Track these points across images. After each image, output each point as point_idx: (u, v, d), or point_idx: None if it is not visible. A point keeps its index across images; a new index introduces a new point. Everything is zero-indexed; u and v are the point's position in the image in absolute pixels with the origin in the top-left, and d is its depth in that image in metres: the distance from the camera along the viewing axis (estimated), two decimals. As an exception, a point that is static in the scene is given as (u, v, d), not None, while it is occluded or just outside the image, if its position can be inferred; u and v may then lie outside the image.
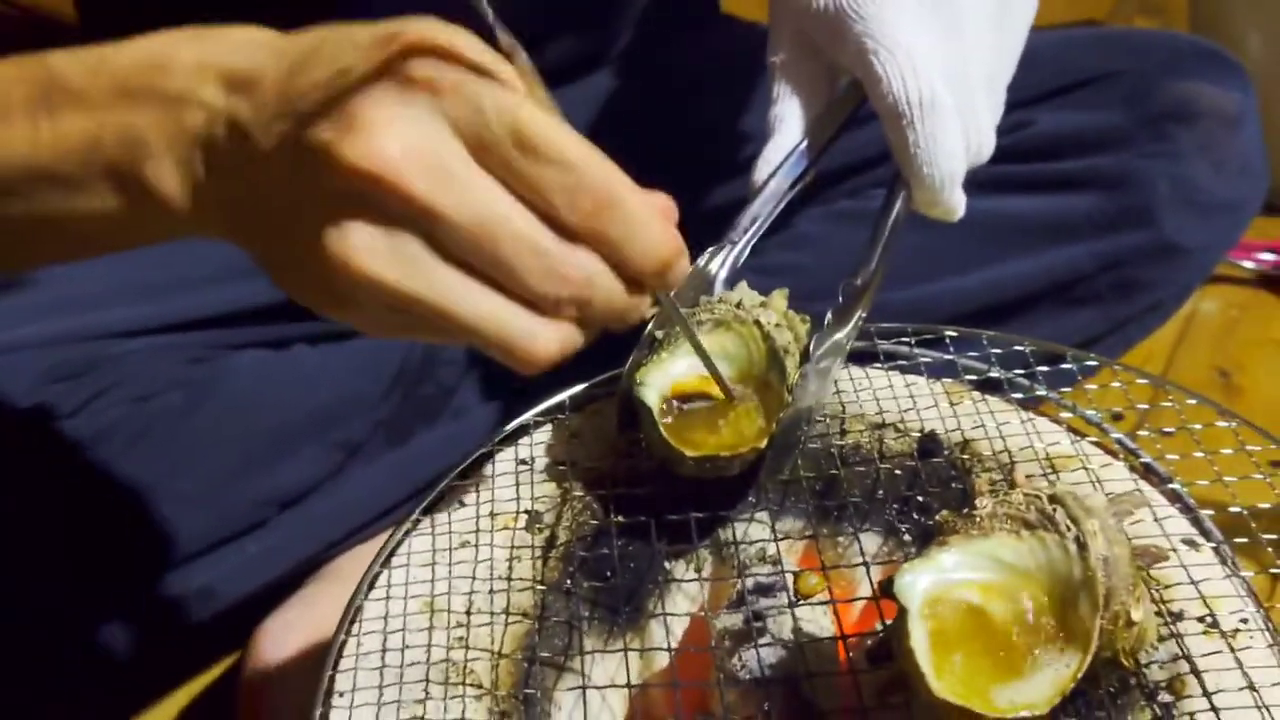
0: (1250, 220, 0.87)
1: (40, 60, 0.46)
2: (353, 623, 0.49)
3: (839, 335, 0.57)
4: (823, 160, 0.62)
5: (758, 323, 0.55)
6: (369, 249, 0.40)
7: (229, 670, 0.89)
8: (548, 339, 0.42)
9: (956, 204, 0.59)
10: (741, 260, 0.60)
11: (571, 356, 0.44)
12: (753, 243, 0.60)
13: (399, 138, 0.39)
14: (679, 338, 0.55)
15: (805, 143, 0.61)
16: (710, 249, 0.59)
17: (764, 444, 0.52)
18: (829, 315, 0.57)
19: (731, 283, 0.59)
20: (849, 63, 0.59)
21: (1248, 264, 1.21)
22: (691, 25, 0.97)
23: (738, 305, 0.57)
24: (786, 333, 0.55)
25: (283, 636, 0.80)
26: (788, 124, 0.61)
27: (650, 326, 0.56)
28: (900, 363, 0.63)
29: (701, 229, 0.60)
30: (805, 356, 0.56)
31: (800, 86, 0.62)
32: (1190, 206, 0.82)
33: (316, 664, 0.48)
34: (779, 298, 0.58)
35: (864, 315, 0.58)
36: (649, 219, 0.42)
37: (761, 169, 0.60)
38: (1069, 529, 0.44)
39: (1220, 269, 1.21)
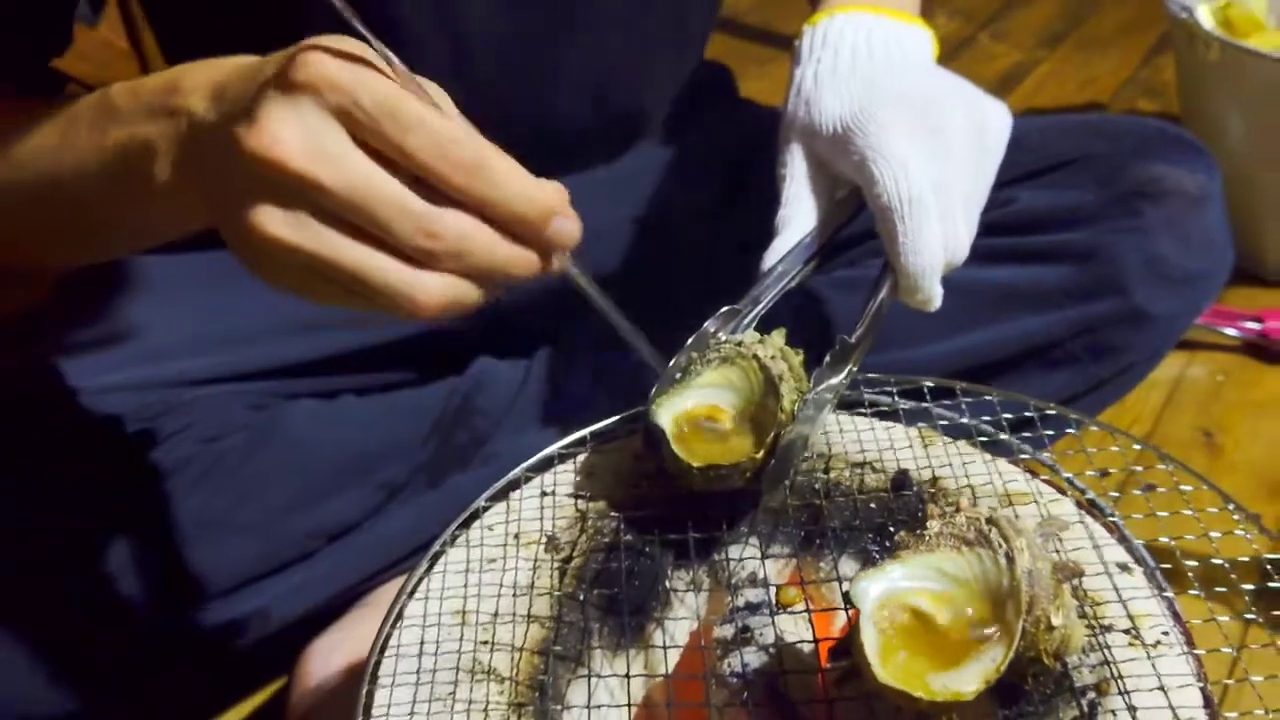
0: (1217, 291, 0.94)
1: (105, 89, 0.61)
2: (396, 620, 0.57)
3: (833, 379, 0.64)
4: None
5: (755, 356, 0.64)
6: (268, 216, 0.49)
7: (276, 692, 0.97)
8: (429, 288, 0.51)
9: (934, 295, 0.68)
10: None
11: (474, 306, 0.52)
12: (759, 318, 0.69)
13: (285, 124, 0.49)
14: (694, 373, 0.64)
15: (806, 241, 0.70)
16: (722, 310, 0.68)
17: (760, 455, 0.60)
18: (826, 358, 0.65)
19: None
20: (851, 172, 0.69)
21: (1232, 331, 1.29)
22: (715, 109, 1.06)
23: (739, 344, 0.65)
24: (781, 363, 0.63)
25: (328, 657, 0.88)
26: (792, 226, 0.71)
27: (671, 365, 0.64)
28: (882, 409, 0.71)
29: (722, 292, 0.70)
30: (797, 381, 0.64)
31: (804, 195, 0.71)
32: (1158, 278, 0.89)
33: (360, 674, 0.56)
34: (777, 335, 0.66)
35: (855, 370, 0.66)
36: (515, 175, 0.51)
37: (768, 259, 0.69)
38: (1001, 546, 0.52)
39: (1207, 336, 1.29)
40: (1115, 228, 0.89)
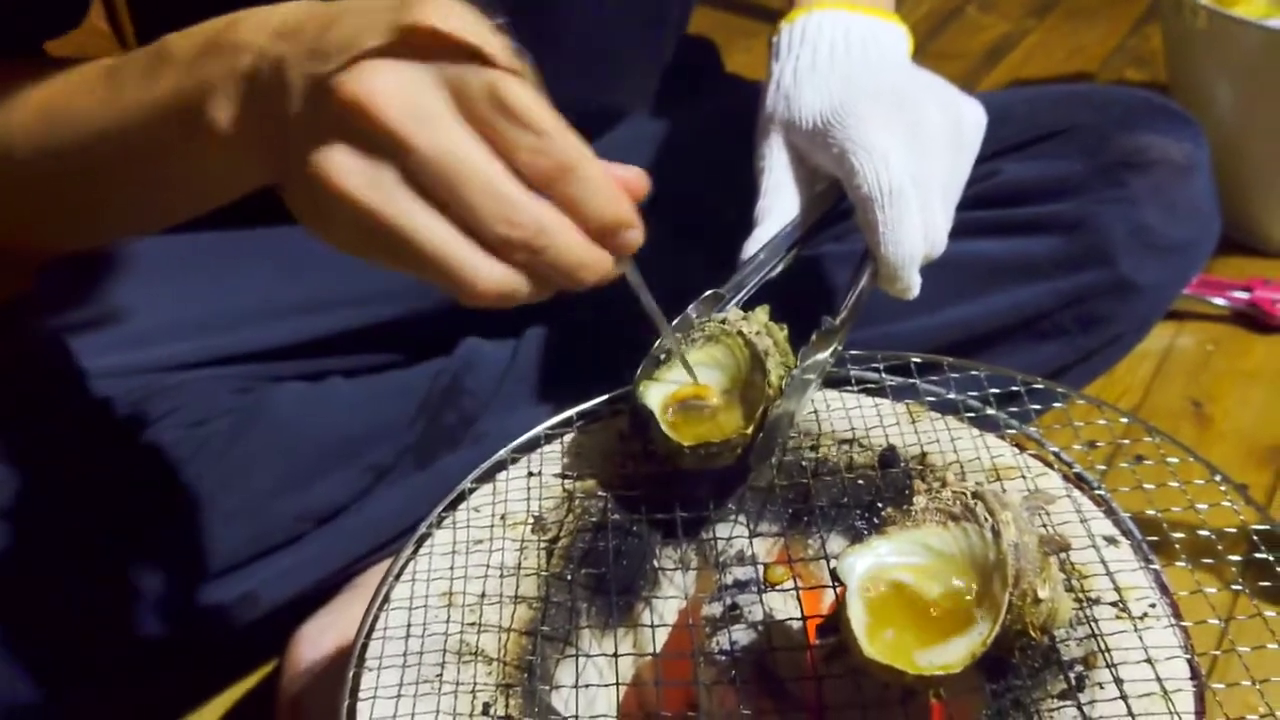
0: (1204, 261, 0.94)
1: (161, 39, 0.57)
2: (383, 603, 0.57)
3: (819, 356, 0.65)
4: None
5: (740, 333, 0.63)
6: (344, 167, 0.47)
7: (268, 675, 0.97)
8: (489, 275, 0.48)
9: (913, 283, 0.69)
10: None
11: (521, 302, 0.50)
12: (741, 303, 0.69)
13: (388, 78, 0.47)
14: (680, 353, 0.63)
15: (787, 230, 0.70)
16: (705, 295, 0.68)
17: (750, 430, 0.60)
18: (812, 336, 0.66)
19: None
20: (831, 164, 0.69)
21: (1221, 301, 1.29)
22: (701, 86, 1.05)
23: (723, 322, 0.65)
24: (766, 339, 0.64)
25: (318, 639, 0.88)
26: (772, 217, 0.71)
27: (654, 348, 0.64)
28: (869, 385, 0.71)
29: (707, 273, 0.70)
30: (783, 355, 0.64)
31: (784, 186, 0.72)
32: (1144, 247, 0.89)
33: (347, 657, 0.56)
34: (761, 311, 0.66)
35: (840, 348, 0.66)
36: (604, 185, 0.49)
37: (749, 248, 0.70)
38: (987, 520, 0.52)
39: (1196, 306, 1.29)
40: (1100, 198, 0.89)
